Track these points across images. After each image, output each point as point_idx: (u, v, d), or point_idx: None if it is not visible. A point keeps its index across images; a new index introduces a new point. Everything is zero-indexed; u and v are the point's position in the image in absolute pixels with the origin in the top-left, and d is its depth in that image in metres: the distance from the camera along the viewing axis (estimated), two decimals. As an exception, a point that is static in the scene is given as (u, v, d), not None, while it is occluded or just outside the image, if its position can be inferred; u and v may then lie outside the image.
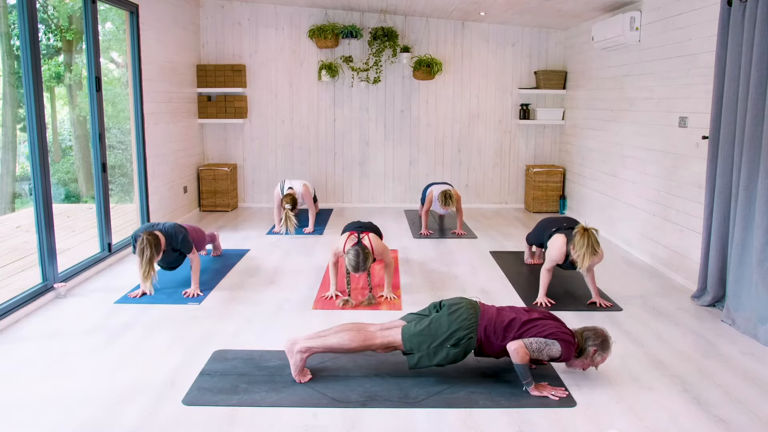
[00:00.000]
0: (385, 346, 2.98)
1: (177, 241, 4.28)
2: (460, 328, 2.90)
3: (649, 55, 5.26)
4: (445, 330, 2.90)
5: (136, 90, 5.73)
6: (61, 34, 8.70)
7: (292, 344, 3.00)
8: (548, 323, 2.94)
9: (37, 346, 3.41)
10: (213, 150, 7.83)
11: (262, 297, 4.31)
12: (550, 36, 7.67)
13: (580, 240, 3.95)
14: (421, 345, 2.91)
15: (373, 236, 4.16)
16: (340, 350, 2.97)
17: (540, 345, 2.87)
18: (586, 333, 2.99)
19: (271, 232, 6.32)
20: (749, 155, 3.69)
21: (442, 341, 2.89)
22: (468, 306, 2.99)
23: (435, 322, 2.94)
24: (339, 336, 2.96)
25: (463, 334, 2.89)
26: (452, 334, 2.89)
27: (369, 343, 2.95)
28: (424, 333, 2.92)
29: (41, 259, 4.19)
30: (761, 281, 3.58)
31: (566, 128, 7.65)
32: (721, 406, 2.81)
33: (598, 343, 2.95)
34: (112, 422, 2.62)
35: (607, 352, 2.97)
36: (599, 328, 3.02)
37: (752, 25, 3.66)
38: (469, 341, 2.90)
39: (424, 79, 7.49)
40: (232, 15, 7.58)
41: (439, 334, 2.90)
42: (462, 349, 2.91)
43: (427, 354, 2.91)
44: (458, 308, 2.97)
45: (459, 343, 2.89)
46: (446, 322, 2.92)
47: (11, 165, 7.98)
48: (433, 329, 2.92)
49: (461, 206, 6.40)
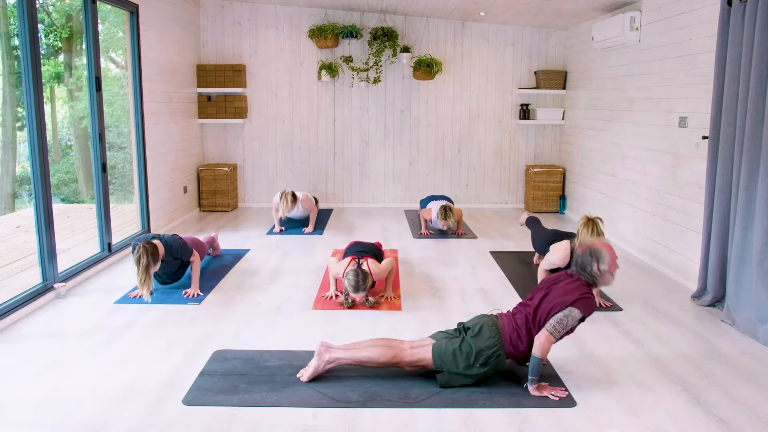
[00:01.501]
0: (414, 364, 2.99)
1: (175, 249, 4.28)
2: (485, 347, 2.92)
3: (649, 55, 5.26)
4: (473, 351, 2.92)
5: (136, 90, 5.73)
6: (60, 34, 8.71)
7: (325, 349, 3.00)
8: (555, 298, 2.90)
9: (37, 346, 3.41)
10: (213, 150, 7.83)
11: (262, 297, 4.31)
12: (550, 36, 7.67)
13: (584, 230, 3.96)
14: (451, 365, 2.92)
15: (373, 261, 4.17)
16: (368, 364, 2.99)
17: (561, 324, 2.83)
18: (578, 265, 2.96)
19: (271, 232, 6.32)
20: (749, 155, 3.69)
21: (472, 363, 2.91)
22: (489, 324, 2.99)
23: (464, 343, 2.96)
24: (370, 350, 2.97)
25: (490, 352, 2.91)
26: (479, 354, 2.91)
27: (398, 359, 2.97)
28: (454, 353, 2.93)
29: (41, 259, 4.19)
30: (761, 281, 3.58)
31: (566, 128, 7.65)
32: (721, 406, 2.81)
33: (589, 259, 2.92)
34: (112, 422, 2.62)
35: (602, 253, 2.92)
36: (580, 250, 2.99)
37: (752, 25, 3.66)
38: (498, 359, 2.92)
39: (424, 79, 7.49)
40: (232, 15, 7.58)
41: (469, 355, 2.92)
42: (492, 366, 2.93)
43: (457, 375, 2.93)
44: (480, 328, 2.98)
45: (488, 362, 2.92)
46: (472, 343, 2.94)
47: (11, 165, 7.98)
48: (464, 351, 2.93)
49: (462, 220, 6.36)
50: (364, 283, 3.91)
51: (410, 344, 3.04)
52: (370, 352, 2.96)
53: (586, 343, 3.51)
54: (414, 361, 2.97)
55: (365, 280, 3.92)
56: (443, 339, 3.01)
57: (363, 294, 3.94)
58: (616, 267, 2.95)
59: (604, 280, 2.95)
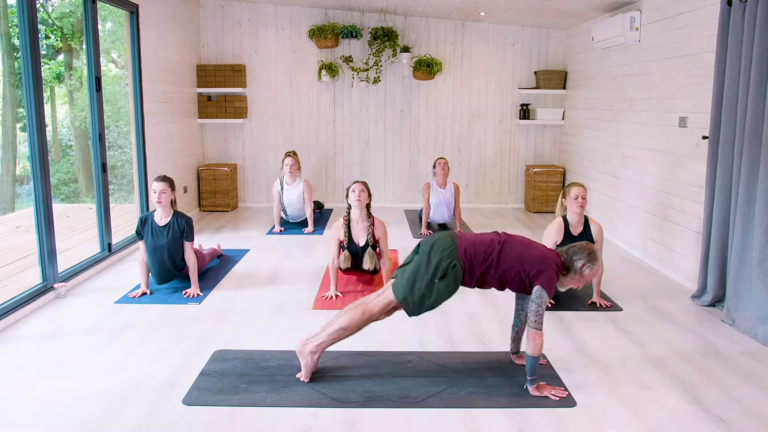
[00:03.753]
0: (384, 311, 2.96)
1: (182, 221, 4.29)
2: (441, 258, 2.87)
3: (649, 55, 5.26)
4: (430, 266, 2.88)
5: (136, 90, 5.73)
6: (62, 35, 8.71)
7: (303, 345, 2.99)
8: (527, 254, 2.88)
9: (37, 346, 3.41)
10: (213, 150, 7.83)
11: (262, 297, 4.31)
12: (550, 36, 7.67)
13: None
14: (413, 291, 2.88)
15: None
16: (347, 334, 2.96)
17: (540, 313, 2.81)
18: (572, 249, 2.96)
19: (271, 232, 6.32)
20: (749, 155, 3.69)
21: (431, 278, 2.87)
22: (444, 236, 2.97)
23: (417, 263, 2.92)
24: (340, 321, 2.96)
25: (446, 263, 2.86)
26: (437, 267, 2.87)
27: (369, 314, 2.95)
28: (411, 278, 2.90)
29: (41, 259, 4.19)
30: (761, 281, 3.58)
31: (566, 128, 7.65)
32: (721, 406, 2.81)
33: (585, 256, 2.92)
34: (112, 422, 2.62)
35: (596, 264, 2.93)
36: (583, 243, 2.99)
37: (752, 25, 3.66)
38: (454, 268, 2.86)
39: (424, 79, 7.49)
40: (232, 15, 7.58)
41: (426, 272, 2.88)
42: (451, 278, 2.87)
43: (420, 298, 2.87)
44: (434, 242, 2.95)
45: (446, 274, 2.86)
46: (427, 259, 2.90)
47: (11, 165, 7.98)
48: (420, 271, 2.89)
49: (459, 198, 6.31)
50: (365, 185, 4.40)
51: (375, 295, 3.03)
52: (341, 322, 2.95)
53: (586, 343, 3.51)
54: (383, 307, 2.95)
55: (365, 184, 4.40)
56: (398, 272, 2.99)
57: (361, 186, 4.37)
58: (587, 281, 2.96)
59: (573, 278, 2.93)
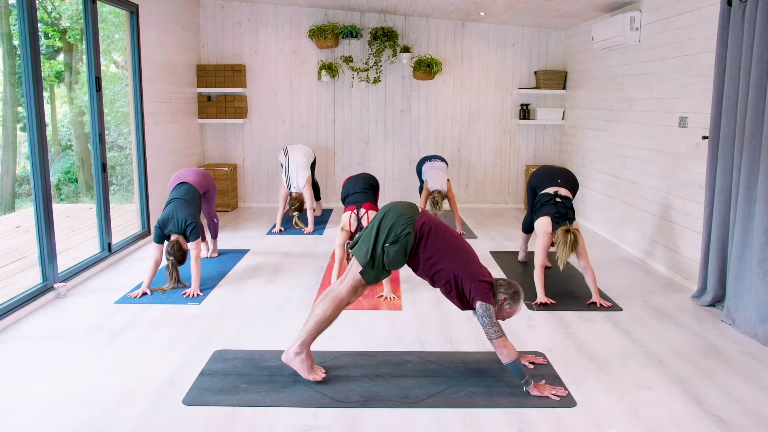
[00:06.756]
0: (354, 291, 2.95)
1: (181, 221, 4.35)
2: (395, 223, 2.87)
3: (649, 55, 5.26)
4: (383, 229, 2.87)
5: (136, 90, 5.73)
6: (62, 35, 8.71)
7: (286, 354, 3.00)
8: (470, 273, 2.88)
9: (37, 346, 3.41)
10: (213, 150, 7.83)
11: (262, 297, 4.31)
12: (550, 36, 7.67)
13: (563, 248, 4.03)
14: (367, 255, 2.86)
15: (373, 212, 4.35)
16: (324, 324, 2.95)
17: (493, 324, 2.81)
18: (501, 281, 2.97)
19: (271, 232, 6.32)
20: (749, 155, 3.69)
21: (382, 241, 2.86)
22: (404, 204, 2.96)
23: (370, 226, 2.92)
24: (314, 315, 2.95)
25: (400, 229, 2.85)
26: (390, 230, 2.86)
27: (339, 299, 2.94)
28: (365, 239, 2.89)
29: (41, 259, 4.19)
30: (761, 281, 3.58)
31: (566, 128, 7.65)
32: (721, 406, 2.81)
33: (510, 293, 2.92)
34: (112, 422, 2.62)
35: (517, 304, 2.93)
36: (512, 281, 3.00)
37: (752, 25, 3.66)
38: (407, 236, 2.85)
39: (424, 79, 7.49)
40: (232, 15, 7.58)
41: (377, 235, 2.87)
42: (402, 245, 2.85)
43: (370, 261, 2.85)
44: (390, 207, 2.95)
45: (398, 240, 2.85)
46: (379, 222, 2.90)
47: (11, 165, 7.98)
48: (372, 233, 2.89)
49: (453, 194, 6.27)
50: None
51: (339, 281, 3.01)
52: (315, 316, 2.94)
53: (586, 343, 3.51)
54: (352, 287, 2.94)
55: None
56: (355, 247, 2.96)
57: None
58: (505, 316, 2.97)
59: (488, 310, 2.85)
